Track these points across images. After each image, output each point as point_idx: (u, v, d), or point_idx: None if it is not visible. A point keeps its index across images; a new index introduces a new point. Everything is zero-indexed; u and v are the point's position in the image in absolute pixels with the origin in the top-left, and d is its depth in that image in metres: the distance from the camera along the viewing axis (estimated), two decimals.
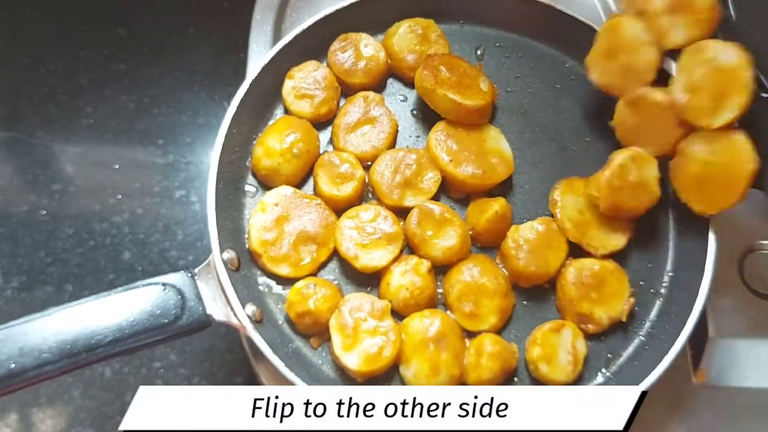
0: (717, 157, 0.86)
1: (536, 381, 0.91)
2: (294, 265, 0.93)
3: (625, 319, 0.91)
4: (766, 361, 0.98)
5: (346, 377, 0.89)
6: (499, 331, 0.93)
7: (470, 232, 0.96)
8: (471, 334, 0.91)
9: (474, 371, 0.88)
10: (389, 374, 0.89)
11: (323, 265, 0.95)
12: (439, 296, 0.94)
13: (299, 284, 0.90)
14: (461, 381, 0.89)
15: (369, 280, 0.94)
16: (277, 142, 0.96)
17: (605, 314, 0.91)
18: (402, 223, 0.95)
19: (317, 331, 0.91)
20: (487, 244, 0.97)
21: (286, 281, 0.93)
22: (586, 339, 0.91)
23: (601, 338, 0.93)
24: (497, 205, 0.94)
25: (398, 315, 0.92)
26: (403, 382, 0.89)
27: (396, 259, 0.93)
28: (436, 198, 0.97)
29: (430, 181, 0.97)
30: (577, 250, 0.95)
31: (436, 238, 0.93)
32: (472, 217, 0.96)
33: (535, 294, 0.95)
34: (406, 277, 0.90)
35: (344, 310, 0.89)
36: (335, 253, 0.95)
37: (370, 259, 0.92)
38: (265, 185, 0.98)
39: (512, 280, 0.95)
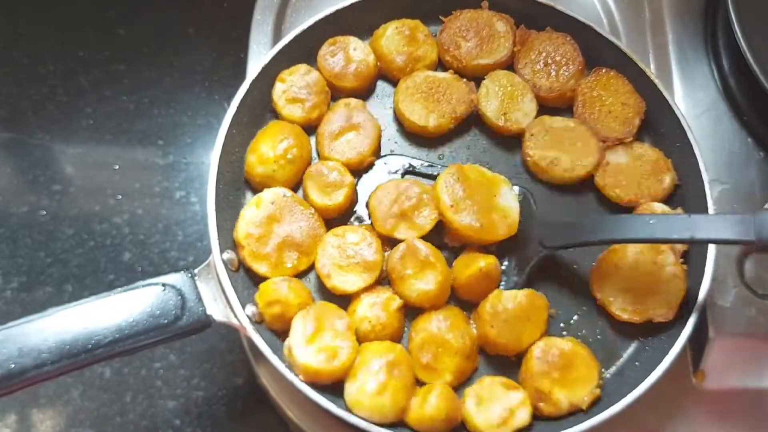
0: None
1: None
2: (273, 266, 0.91)
3: (585, 408, 0.86)
4: (766, 361, 0.98)
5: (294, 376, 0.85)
6: (454, 389, 0.88)
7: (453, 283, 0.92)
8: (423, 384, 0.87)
9: (415, 413, 0.84)
10: (336, 391, 0.86)
11: (301, 275, 0.94)
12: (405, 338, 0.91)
13: (275, 279, 0.90)
14: (402, 415, 0.85)
15: (341, 302, 0.91)
16: (270, 149, 0.95)
17: (565, 398, 0.86)
18: (387, 253, 0.92)
19: (282, 327, 0.89)
20: (467, 298, 0.92)
21: (262, 280, 0.91)
22: None
23: (600, 338, 0.93)
24: (484, 262, 0.90)
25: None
26: (345, 402, 0.85)
27: (368, 289, 0.90)
28: (433, 241, 0.92)
29: (427, 218, 0.93)
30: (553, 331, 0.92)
31: (414, 278, 0.89)
32: (457, 268, 0.92)
33: (503, 363, 0.91)
34: (373, 310, 0.88)
35: (311, 312, 0.87)
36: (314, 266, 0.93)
37: (342, 281, 0.90)
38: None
39: (480, 343, 0.90)
